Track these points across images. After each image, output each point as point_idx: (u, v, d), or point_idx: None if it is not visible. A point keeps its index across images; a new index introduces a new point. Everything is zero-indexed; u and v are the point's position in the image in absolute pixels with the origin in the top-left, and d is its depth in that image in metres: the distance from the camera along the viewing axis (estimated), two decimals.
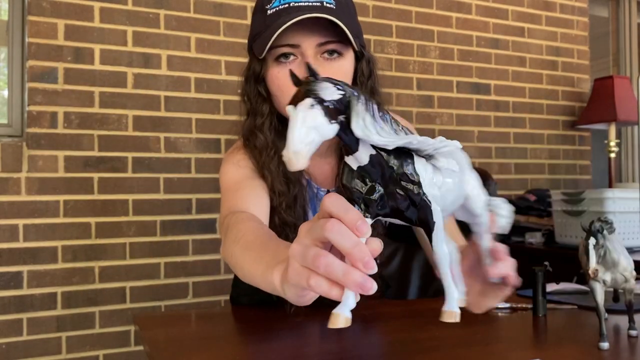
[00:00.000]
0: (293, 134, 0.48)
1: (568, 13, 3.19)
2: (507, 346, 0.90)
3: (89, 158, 2.12)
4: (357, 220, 0.50)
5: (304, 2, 0.95)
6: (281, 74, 0.98)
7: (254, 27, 1.02)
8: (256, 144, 1.03)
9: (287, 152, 0.48)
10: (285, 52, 0.98)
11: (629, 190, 2.16)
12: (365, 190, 0.53)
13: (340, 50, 0.99)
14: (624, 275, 0.84)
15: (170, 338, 0.97)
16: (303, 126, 0.48)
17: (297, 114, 0.48)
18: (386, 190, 0.53)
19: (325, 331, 1.01)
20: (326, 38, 0.96)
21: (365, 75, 1.07)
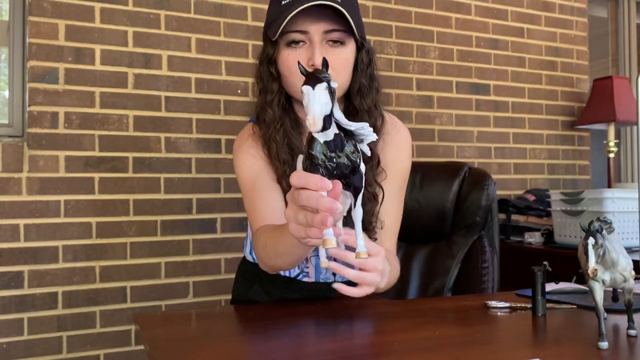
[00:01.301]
0: (314, 105, 0.68)
1: (567, 14, 3.19)
2: (507, 346, 0.90)
3: (90, 158, 2.12)
4: (318, 182, 0.70)
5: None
6: (291, 56, 1.10)
7: (269, 16, 1.14)
8: (265, 118, 1.15)
9: (312, 117, 0.68)
10: (295, 39, 1.10)
11: (628, 190, 2.17)
12: (327, 158, 0.71)
13: (343, 40, 1.11)
14: (623, 275, 0.85)
15: (171, 337, 0.97)
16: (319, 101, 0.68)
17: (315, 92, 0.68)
18: (339, 159, 0.72)
19: (326, 331, 1.01)
20: (332, 26, 1.08)
21: (365, 63, 1.17)
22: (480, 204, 1.70)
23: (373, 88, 1.19)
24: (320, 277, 1.27)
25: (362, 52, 1.16)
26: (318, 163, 0.71)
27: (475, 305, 1.17)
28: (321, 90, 0.68)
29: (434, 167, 1.90)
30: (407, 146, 1.26)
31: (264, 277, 1.31)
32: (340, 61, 1.11)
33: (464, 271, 1.68)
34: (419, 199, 1.80)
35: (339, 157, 0.72)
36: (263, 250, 1.04)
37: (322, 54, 1.06)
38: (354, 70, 1.16)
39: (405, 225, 1.58)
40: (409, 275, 1.76)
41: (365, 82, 1.17)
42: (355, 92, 1.17)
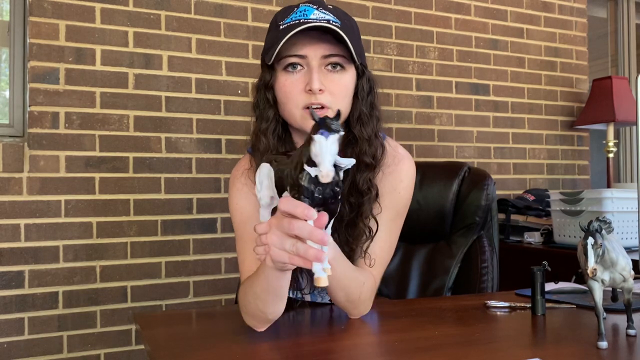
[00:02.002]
0: (326, 158, 0.70)
1: (567, 14, 3.20)
2: (506, 345, 0.90)
3: (90, 158, 2.12)
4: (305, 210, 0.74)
5: (313, 21, 1.02)
6: (288, 81, 1.05)
7: (267, 42, 1.09)
8: (259, 147, 1.09)
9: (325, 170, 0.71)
10: (293, 62, 1.05)
11: (627, 190, 2.17)
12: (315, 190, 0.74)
13: (342, 64, 1.06)
14: (622, 275, 0.85)
15: (171, 337, 0.97)
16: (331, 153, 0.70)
17: (328, 143, 0.69)
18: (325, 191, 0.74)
19: (326, 331, 1.02)
20: (331, 51, 1.04)
21: (366, 91, 1.12)
22: (479, 204, 1.71)
23: (374, 117, 1.13)
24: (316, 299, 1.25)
25: (363, 80, 1.11)
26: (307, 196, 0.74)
27: (474, 305, 1.18)
28: (333, 141, 0.69)
29: (434, 167, 1.90)
30: (407, 177, 1.16)
31: None
32: (340, 87, 1.06)
33: (463, 271, 1.68)
34: (418, 199, 1.80)
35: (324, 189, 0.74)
36: (244, 298, 0.98)
37: (321, 79, 1.04)
38: (355, 99, 1.11)
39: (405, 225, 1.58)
40: (409, 275, 1.76)
41: (366, 111, 1.11)
42: (355, 120, 1.11)
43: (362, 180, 1.08)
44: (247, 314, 0.98)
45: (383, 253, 1.13)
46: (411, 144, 2.74)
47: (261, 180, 0.87)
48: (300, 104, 1.05)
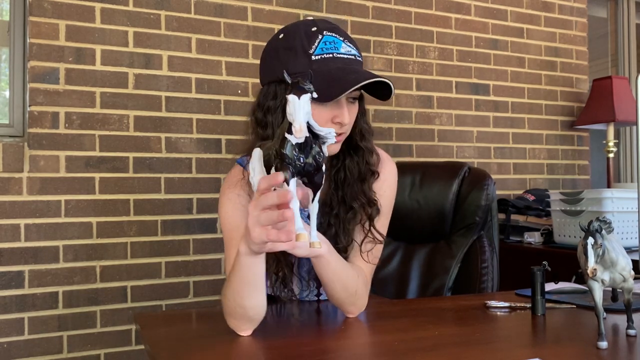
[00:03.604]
0: (300, 114, 0.76)
1: (567, 14, 3.20)
2: (506, 345, 0.90)
3: (90, 158, 2.12)
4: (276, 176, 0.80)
5: (343, 55, 1.12)
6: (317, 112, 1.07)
7: (294, 66, 1.10)
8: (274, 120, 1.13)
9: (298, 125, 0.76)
10: None
11: (627, 190, 2.17)
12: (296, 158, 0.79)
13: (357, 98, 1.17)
14: (622, 275, 0.85)
15: (171, 337, 0.98)
16: (304, 110, 0.76)
17: (301, 102, 0.76)
18: (307, 160, 0.79)
19: (326, 330, 1.02)
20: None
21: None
22: (479, 204, 1.71)
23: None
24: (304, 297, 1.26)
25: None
26: (288, 162, 0.78)
27: (474, 305, 1.18)
28: (306, 101, 0.76)
29: (434, 167, 1.90)
30: (390, 177, 1.27)
31: None
32: (354, 114, 1.17)
33: (463, 271, 1.68)
34: (418, 199, 1.80)
35: (306, 158, 0.80)
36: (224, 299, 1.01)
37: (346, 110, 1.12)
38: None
39: (405, 225, 1.59)
40: (409, 275, 1.76)
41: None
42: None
43: (369, 189, 1.19)
44: (229, 315, 1.00)
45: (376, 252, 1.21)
46: (411, 144, 2.74)
47: (254, 167, 0.90)
48: None
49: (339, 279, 1.07)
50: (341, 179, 1.20)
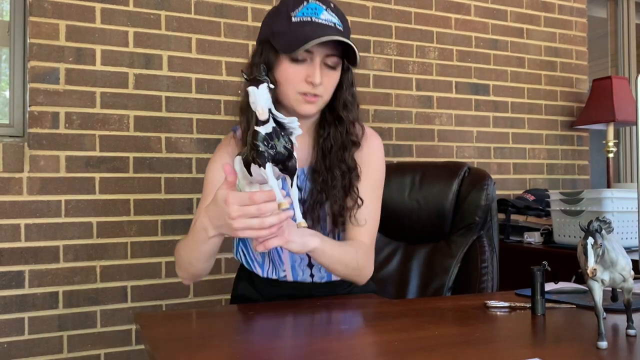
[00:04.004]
0: (261, 100, 0.88)
1: (567, 14, 3.20)
2: (506, 345, 0.90)
3: (91, 158, 2.13)
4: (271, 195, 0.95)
5: (322, 21, 1.21)
6: (292, 70, 1.22)
7: (276, 26, 1.24)
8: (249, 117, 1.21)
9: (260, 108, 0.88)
10: (300, 57, 1.21)
11: (627, 190, 2.17)
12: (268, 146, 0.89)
13: (336, 65, 1.26)
14: (622, 275, 0.85)
15: (171, 337, 0.98)
16: (263, 97, 0.88)
17: (260, 90, 0.87)
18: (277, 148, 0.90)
19: (326, 330, 1.02)
20: (332, 51, 1.23)
21: (350, 82, 1.32)
22: (479, 204, 1.71)
23: (355, 104, 1.33)
24: (297, 278, 1.34)
25: (348, 73, 1.31)
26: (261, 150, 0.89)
27: (474, 304, 1.18)
28: (264, 89, 0.87)
29: (434, 167, 1.90)
30: (378, 150, 1.36)
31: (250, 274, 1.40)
32: (331, 81, 1.26)
33: (463, 271, 1.68)
34: (418, 199, 1.81)
35: (276, 146, 0.90)
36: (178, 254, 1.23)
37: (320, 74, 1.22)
38: (340, 88, 1.30)
39: (405, 225, 1.59)
40: (409, 275, 1.76)
41: (350, 99, 1.31)
42: (341, 107, 1.30)
43: (349, 158, 1.28)
44: (178, 267, 1.25)
45: (372, 217, 1.31)
46: (411, 144, 2.74)
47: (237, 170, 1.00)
48: (298, 90, 1.23)
49: (338, 261, 1.20)
50: (327, 148, 1.30)
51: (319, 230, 1.26)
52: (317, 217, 1.27)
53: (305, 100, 1.23)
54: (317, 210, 1.27)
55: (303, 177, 1.31)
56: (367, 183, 1.31)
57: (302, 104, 1.24)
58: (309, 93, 1.22)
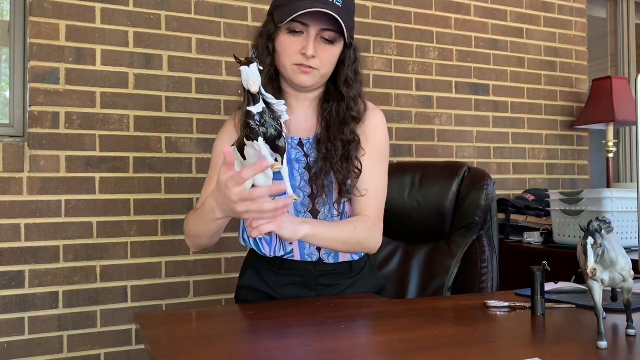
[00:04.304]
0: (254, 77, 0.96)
1: (566, 14, 3.20)
2: (506, 345, 0.91)
3: (91, 158, 2.13)
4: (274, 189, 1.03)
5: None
6: (288, 42, 1.29)
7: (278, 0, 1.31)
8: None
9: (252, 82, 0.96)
10: (296, 29, 1.27)
11: (627, 190, 2.17)
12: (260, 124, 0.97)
13: (334, 39, 1.29)
14: (622, 275, 0.86)
15: (172, 337, 0.98)
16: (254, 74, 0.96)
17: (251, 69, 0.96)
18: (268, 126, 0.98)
19: (326, 330, 1.02)
20: (328, 26, 1.27)
21: (352, 59, 1.36)
22: (479, 204, 1.71)
23: (357, 81, 1.37)
24: (305, 254, 1.37)
25: (350, 50, 1.35)
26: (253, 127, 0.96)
27: (474, 304, 1.18)
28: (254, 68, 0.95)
29: (434, 167, 1.90)
30: (382, 124, 1.40)
31: (256, 261, 1.43)
32: (328, 55, 1.30)
33: (463, 271, 1.69)
34: (418, 198, 1.81)
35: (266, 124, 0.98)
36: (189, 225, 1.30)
37: (315, 47, 1.27)
38: (342, 65, 1.35)
39: (405, 225, 1.60)
40: (409, 275, 1.76)
41: (351, 75, 1.35)
42: (342, 83, 1.35)
43: (349, 131, 1.33)
44: (187, 235, 1.34)
45: (377, 190, 1.36)
46: (411, 144, 2.74)
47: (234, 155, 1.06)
48: (293, 61, 1.29)
49: (335, 240, 1.25)
50: (331, 121, 1.35)
51: (323, 198, 1.34)
52: (321, 184, 1.32)
53: (300, 70, 1.29)
54: (321, 179, 1.32)
55: (309, 146, 1.36)
56: (370, 156, 1.35)
57: (298, 74, 1.30)
58: (304, 64, 1.28)
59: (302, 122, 1.39)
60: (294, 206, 1.35)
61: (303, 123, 1.39)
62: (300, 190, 1.35)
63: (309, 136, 1.37)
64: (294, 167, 1.35)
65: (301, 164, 1.35)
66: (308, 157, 1.35)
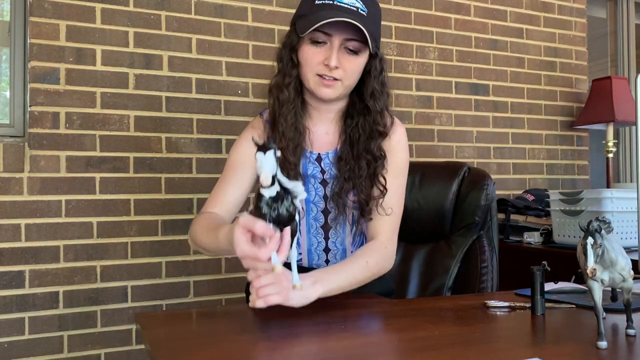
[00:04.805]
0: (266, 167, 0.88)
1: (566, 14, 3.20)
2: (506, 345, 0.91)
3: (91, 158, 2.13)
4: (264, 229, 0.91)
5: (345, 4, 1.20)
6: (311, 52, 1.24)
7: (302, 8, 1.27)
8: (280, 97, 1.28)
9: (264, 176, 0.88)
10: (319, 39, 1.22)
11: (626, 190, 2.17)
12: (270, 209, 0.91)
13: (359, 49, 1.24)
14: (622, 275, 0.86)
15: (172, 337, 0.98)
16: (269, 164, 0.88)
17: (266, 157, 0.88)
18: (280, 210, 0.91)
19: (326, 330, 1.02)
20: (352, 36, 1.22)
21: (378, 70, 1.30)
22: (479, 204, 1.71)
23: (384, 92, 1.31)
24: (313, 264, 1.36)
25: (376, 60, 1.30)
26: (263, 213, 0.92)
27: (474, 304, 1.18)
28: (270, 156, 0.88)
29: (434, 167, 1.90)
30: (403, 137, 1.36)
31: None
32: (352, 66, 1.25)
33: (463, 271, 1.69)
34: (418, 199, 1.81)
35: (279, 209, 0.92)
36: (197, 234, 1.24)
37: (339, 58, 1.22)
38: (368, 76, 1.29)
39: (405, 225, 1.59)
40: (409, 275, 1.76)
41: (378, 87, 1.29)
42: (369, 96, 1.29)
43: (376, 147, 1.28)
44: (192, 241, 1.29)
45: (396, 207, 1.31)
46: (411, 144, 2.74)
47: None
48: (315, 72, 1.24)
49: (350, 285, 1.19)
50: (355, 137, 1.29)
51: (342, 220, 1.31)
52: (342, 204, 1.29)
53: (323, 83, 1.24)
54: (342, 198, 1.28)
55: (328, 161, 1.32)
56: (392, 172, 1.31)
57: (320, 87, 1.25)
58: (326, 76, 1.22)
59: (322, 135, 1.34)
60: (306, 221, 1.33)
61: (323, 136, 1.34)
62: (313, 204, 1.33)
63: (328, 151, 1.33)
64: (309, 181, 1.32)
65: (317, 180, 1.32)
66: (324, 174, 1.32)
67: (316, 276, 1.12)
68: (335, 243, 1.36)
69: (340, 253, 1.37)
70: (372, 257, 1.23)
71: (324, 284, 1.11)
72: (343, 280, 1.16)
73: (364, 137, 1.28)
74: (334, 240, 1.36)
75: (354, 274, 1.19)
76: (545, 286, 1.09)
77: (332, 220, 1.33)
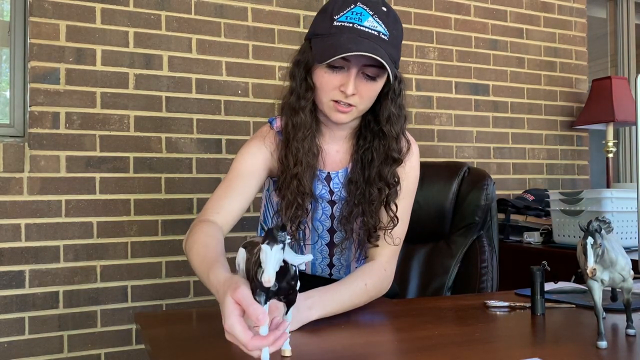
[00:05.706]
0: (270, 265, 0.76)
1: (566, 14, 3.20)
2: (506, 345, 0.91)
3: (91, 158, 2.13)
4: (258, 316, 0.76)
5: (365, 28, 1.14)
6: (326, 77, 1.17)
7: (318, 26, 1.19)
8: (294, 120, 1.21)
9: (267, 276, 0.76)
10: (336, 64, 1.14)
11: (626, 190, 2.17)
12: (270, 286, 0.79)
13: (376, 75, 1.17)
14: (622, 275, 0.86)
15: (172, 337, 0.98)
16: (274, 260, 0.76)
17: (272, 252, 0.76)
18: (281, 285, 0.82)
19: (326, 330, 1.02)
20: (370, 62, 1.13)
21: (396, 93, 1.23)
22: (479, 204, 1.71)
23: (401, 116, 1.26)
24: (316, 272, 1.34)
25: (395, 83, 1.21)
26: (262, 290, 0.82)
27: (474, 304, 1.18)
28: (277, 251, 0.78)
29: (434, 167, 1.90)
30: (416, 161, 1.33)
31: None
32: (369, 92, 1.18)
33: (463, 271, 1.69)
34: (418, 198, 1.80)
35: (280, 284, 0.82)
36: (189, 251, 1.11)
37: (356, 84, 1.15)
38: (385, 98, 1.22)
39: None
40: (409, 275, 1.76)
41: (395, 111, 1.23)
42: (385, 120, 1.23)
43: (390, 174, 1.22)
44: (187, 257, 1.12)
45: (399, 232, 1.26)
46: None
47: (238, 263, 0.91)
48: (331, 97, 1.17)
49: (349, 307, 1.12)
50: (367, 160, 1.24)
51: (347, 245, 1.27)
52: (350, 229, 1.24)
53: (337, 108, 1.17)
54: (351, 222, 1.24)
55: (338, 181, 1.28)
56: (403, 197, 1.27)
57: (334, 112, 1.18)
58: (341, 102, 1.17)
59: (333, 153, 1.29)
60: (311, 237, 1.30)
61: (334, 154, 1.29)
62: (319, 222, 1.30)
63: (338, 170, 1.28)
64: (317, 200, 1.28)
65: (324, 199, 1.29)
66: (333, 194, 1.28)
67: (313, 299, 1.05)
68: (340, 260, 1.34)
69: (344, 269, 1.35)
70: (371, 279, 1.18)
71: (319, 309, 1.05)
72: (339, 303, 1.10)
73: (378, 161, 1.23)
74: (338, 257, 1.34)
75: (350, 297, 1.13)
76: (545, 286, 1.09)
77: (338, 240, 1.30)
